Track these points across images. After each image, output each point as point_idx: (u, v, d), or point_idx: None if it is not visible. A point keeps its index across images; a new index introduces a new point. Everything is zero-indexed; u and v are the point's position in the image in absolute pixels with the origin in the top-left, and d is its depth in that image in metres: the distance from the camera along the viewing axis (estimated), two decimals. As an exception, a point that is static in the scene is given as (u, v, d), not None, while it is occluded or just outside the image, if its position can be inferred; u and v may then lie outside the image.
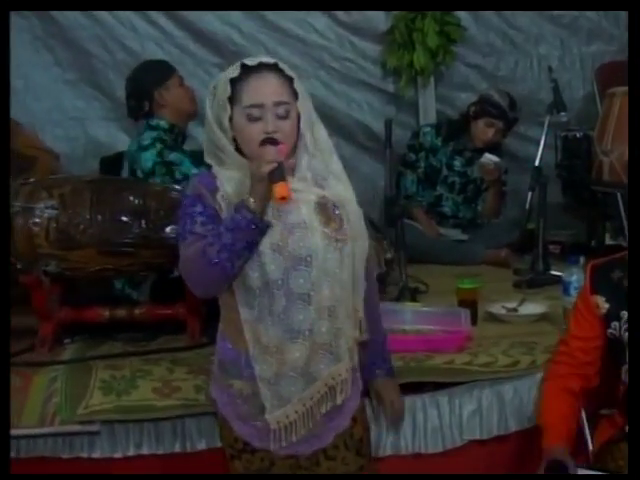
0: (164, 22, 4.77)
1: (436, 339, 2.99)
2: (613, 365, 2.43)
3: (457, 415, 2.83)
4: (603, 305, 2.40)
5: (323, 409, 2.13)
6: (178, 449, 2.79)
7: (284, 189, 1.96)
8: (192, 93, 3.72)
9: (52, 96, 4.73)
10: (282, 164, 1.98)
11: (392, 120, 3.80)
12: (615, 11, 4.84)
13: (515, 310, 3.36)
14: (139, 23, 4.75)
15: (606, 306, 2.39)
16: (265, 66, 2.06)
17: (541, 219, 4.02)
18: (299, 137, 2.09)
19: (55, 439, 2.74)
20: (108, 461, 2.76)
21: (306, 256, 2.05)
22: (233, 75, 2.05)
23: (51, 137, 4.52)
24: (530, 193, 4.08)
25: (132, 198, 3.01)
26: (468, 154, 4.59)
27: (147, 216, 2.99)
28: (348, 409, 2.19)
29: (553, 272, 3.86)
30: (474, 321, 3.18)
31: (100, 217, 2.95)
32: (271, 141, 2.01)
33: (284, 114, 2.05)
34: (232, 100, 2.05)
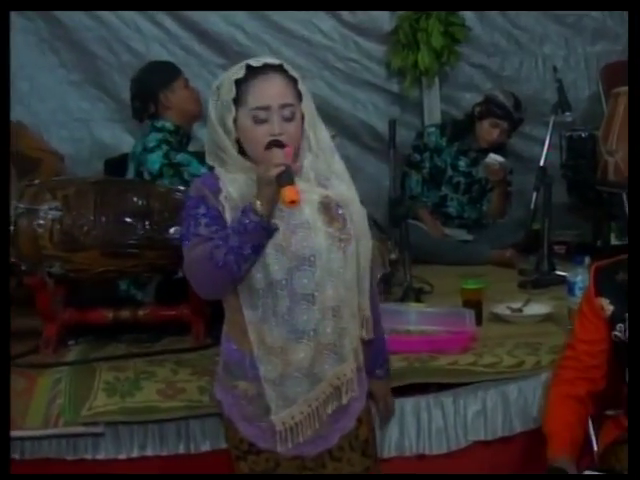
0: (169, 23, 4.77)
1: (440, 340, 2.98)
2: (618, 366, 2.42)
3: (462, 416, 2.82)
4: (608, 307, 2.39)
5: (329, 409, 2.12)
6: (182, 450, 2.79)
7: (293, 192, 1.94)
8: (197, 95, 3.71)
9: (57, 98, 4.73)
10: (290, 167, 1.97)
11: (396, 120, 3.79)
12: (620, 11, 4.82)
13: (520, 310, 3.35)
14: (144, 24, 4.75)
15: (611, 308, 2.39)
16: (270, 67, 2.06)
17: (546, 219, 4.01)
18: (302, 138, 2.09)
19: (59, 440, 2.74)
20: (112, 462, 2.76)
21: (310, 256, 2.04)
22: (238, 76, 2.03)
23: (56, 138, 4.53)
24: (535, 193, 4.07)
25: (136, 199, 3.01)
26: (473, 154, 4.58)
27: (151, 217, 2.98)
28: (354, 410, 2.19)
29: (558, 272, 3.85)
30: (479, 322, 3.17)
31: (104, 218, 2.94)
32: (277, 144, 2.00)
33: (290, 116, 2.04)
34: (237, 101, 2.04)
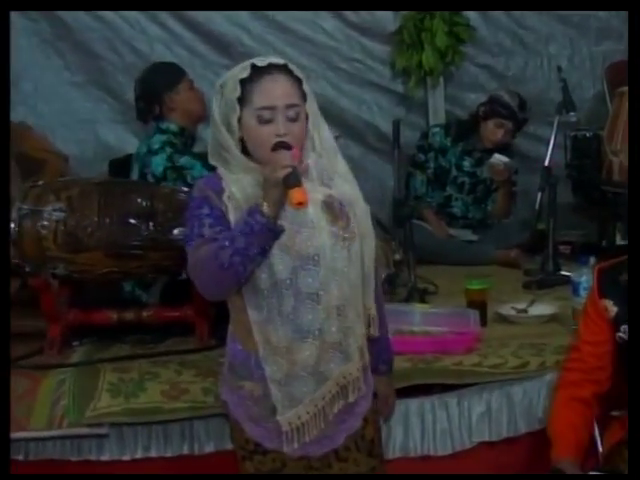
0: (173, 24, 4.77)
1: (445, 340, 2.98)
2: (623, 368, 2.40)
3: (466, 417, 2.82)
4: (612, 308, 2.38)
5: (335, 409, 2.12)
6: (186, 451, 2.79)
7: (301, 194, 1.93)
8: (202, 96, 3.69)
9: (61, 99, 4.73)
10: (296, 169, 1.96)
11: (400, 121, 3.79)
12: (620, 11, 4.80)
13: (525, 311, 3.34)
14: (148, 25, 4.74)
15: (615, 309, 2.38)
16: (275, 67, 2.05)
17: (551, 219, 4.00)
18: (306, 138, 2.08)
19: (63, 442, 2.75)
20: (116, 463, 2.77)
21: (314, 255, 2.03)
22: (243, 75, 2.03)
23: (60, 139, 4.52)
24: (540, 193, 4.05)
25: (140, 200, 3.00)
26: (477, 154, 4.57)
27: (155, 218, 2.98)
28: (360, 410, 2.18)
29: (563, 272, 3.84)
30: (483, 322, 3.16)
31: (108, 220, 2.94)
32: (284, 145, 1.99)
33: (295, 116, 2.03)
34: (241, 101, 2.03)
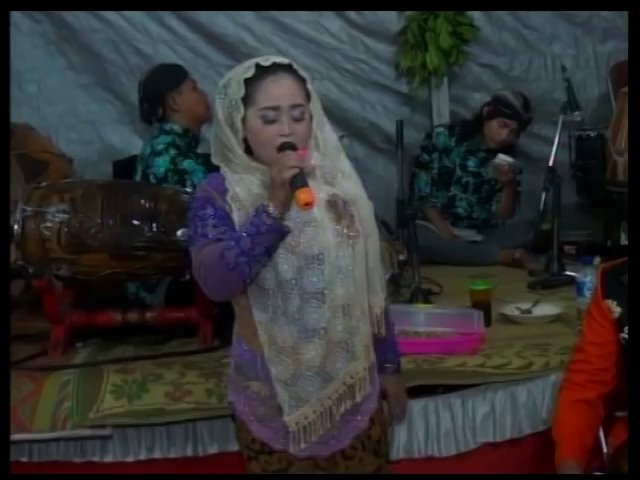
0: (176, 25, 4.77)
1: (449, 341, 2.97)
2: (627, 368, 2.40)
3: (470, 418, 2.82)
4: (615, 309, 2.38)
5: (342, 408, 2.11)
6: (190, 453, 2.80)
7: (309, 195, 1.92)
8: (205, 97, 3.69)
9: (65, 100, 4.74)
10: (303, 169, 1.95)
11: (403, 121, 3.78)
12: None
13: (529, 312, 3.33)
14: (151, 26, 4.74)
15: (618, 310, 2.37)
16: (280, 67, 2.04)
17: (556, 219, 4.00)
18: (310, 137, 2.08)
19: (67, 443, 2.76)
20: (120, 465, 2.77)
21: (318, 254, 2.02)
22: (247, 75, 2.02)
23: (65, 141, 4.54)
24: (544, 193, 4.05)
25: (143, 201, 3.00)
26: (482, 154, 4.56)
27: (158, 219, 2.98)
28: (366, 410, 2.17)
29: (568, 273, 3.83)
30: (487, 323, 3.16)
31: (111, 221, 2.94)
32: (290, 146, 1.99)
33: (299, 116, 2.03)
34: (246, 100, 2.02)
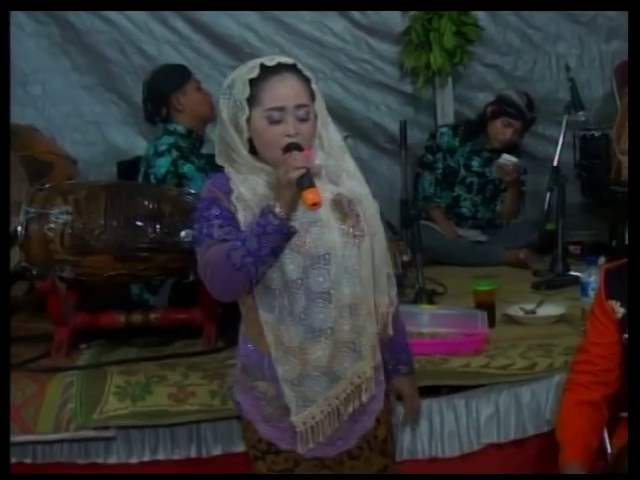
0: (180, 25, 4.76)
1: (453, 342, 2.97)
2: (631, 368, 2.40)
3: (474, 419, 2.81)
4: (619, 310, 2.37)
5: (350, 408, 2.11)
6: (194, 454, 2.80)
7: (316, 195, 1.92)
8: (209, 97, 3.69)
9: (70, 101, 4.74)
10: (309, 170, 1.95)
11: (406, 121, 3.78)
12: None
13: (533, 312, 3.32)
14: (155, 27, 4.74)
15: (622, 310, 2.36)
16: (284, 67, 2.04)
17: (560, 219, 3.99)
18: (315, 137, 2.08)
19: (71, 445, 2.76)
20: (124, 467, 2.77)
21: (324, 254, 2.02)
22: (252, 75, 2.02)
23: (69, 142, 4.54)
24: (548, 193, 4.03)
25: (147, 203, 2.99)
26: (486, 154, 4.55)
27: (162, 220, 2.97)
28: (372, 410, 2.17)
29: (573, 273, 3.82)
30: (491, 323, 3.15)
31: (115, 222, 2.94)
32: (296, 146, 1.99)
33: (304, 116, 2.03)
34: (250, 101, 2.02)
